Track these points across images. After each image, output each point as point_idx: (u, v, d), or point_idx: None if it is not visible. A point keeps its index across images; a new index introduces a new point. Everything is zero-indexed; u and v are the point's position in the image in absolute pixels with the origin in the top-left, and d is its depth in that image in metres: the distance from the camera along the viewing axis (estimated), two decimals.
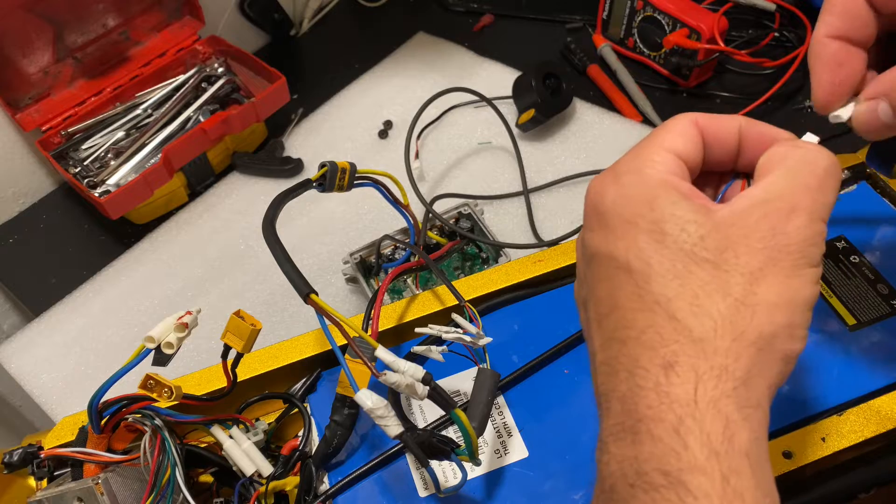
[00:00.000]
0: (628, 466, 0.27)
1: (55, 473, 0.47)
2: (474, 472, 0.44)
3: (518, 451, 0.45)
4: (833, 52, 0.35)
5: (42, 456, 0.47)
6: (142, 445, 0.42)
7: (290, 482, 0.45)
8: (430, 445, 0.40)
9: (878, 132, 0.35)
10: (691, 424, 0.26)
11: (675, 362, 0.27)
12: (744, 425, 0.26)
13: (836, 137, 0.69)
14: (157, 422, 0.43)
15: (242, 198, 0.80)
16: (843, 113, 0.35)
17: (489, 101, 0.77)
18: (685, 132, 0.32)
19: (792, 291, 0.28)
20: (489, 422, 0.45)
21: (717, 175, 0.35)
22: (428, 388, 0.38)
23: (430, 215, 0.65)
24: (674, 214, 0.29)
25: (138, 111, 0.79)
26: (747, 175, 0.34)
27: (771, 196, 0.29)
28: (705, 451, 0.25)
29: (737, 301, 0.28)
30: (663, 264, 0.28)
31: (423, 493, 0.44)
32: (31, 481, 0.47)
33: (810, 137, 0.33)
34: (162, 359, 0.41)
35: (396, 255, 0.65)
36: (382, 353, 0.38)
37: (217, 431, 0.46)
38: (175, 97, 0.80)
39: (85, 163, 0.76)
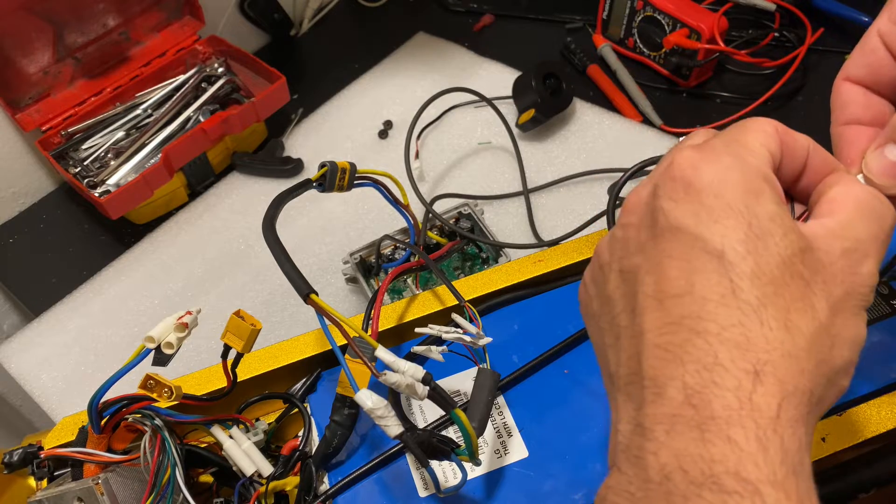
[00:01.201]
0: (691, 463, 0.26)
1: (55, 473, 0.47)
2: (474, 472, 0.44)
3: (518, 451, 0.45)
4: (852, 133, 0.34)
5: (42, 456, 0.47)
6: (142, 445, 0.42)
7: (290, 482, 0.45)
8: (430, 445, 0.40)
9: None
10: (773, 437, 0.25)
11: (761, 371, 0.26)
12: (808, 450, 0.26)
13: None
14: (157, 422, 0.43)
15: (242, 198, 0.80)
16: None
17: (489, 101, 0.77)
18: (774, 136, 0.30)
19: (857, 330, 0.28)
20: (489, 422, 0.45)
21: None
22: (428, 388, 0.38)
23: (430, 215, 0.65)
24: (778, 215, 0.27)
25: (138, 111, 0.80)
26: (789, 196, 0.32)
27: (848, 235, 0.29)
28: (784, 468, 0.25)
29: (822, 327, 0.27)
30: (760, 265, 0.27)
31: (423, 493, 0.44)
32: (31, 481, 0.47)
33: (862, 179, 0.33)
34: (162, 359, 0.41)
35: (396, 255, 0.65)
36: (382, 353, 0.38)
37: (217, 431, 0.46)
38: (175, 97, 0.80)
39: (85, 163, 0.76)
